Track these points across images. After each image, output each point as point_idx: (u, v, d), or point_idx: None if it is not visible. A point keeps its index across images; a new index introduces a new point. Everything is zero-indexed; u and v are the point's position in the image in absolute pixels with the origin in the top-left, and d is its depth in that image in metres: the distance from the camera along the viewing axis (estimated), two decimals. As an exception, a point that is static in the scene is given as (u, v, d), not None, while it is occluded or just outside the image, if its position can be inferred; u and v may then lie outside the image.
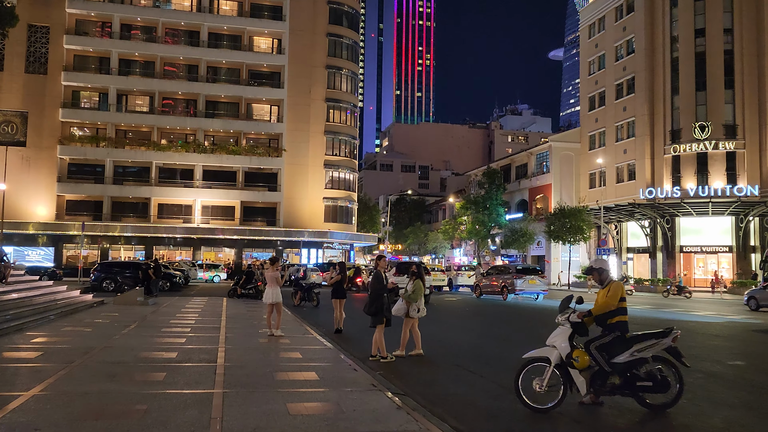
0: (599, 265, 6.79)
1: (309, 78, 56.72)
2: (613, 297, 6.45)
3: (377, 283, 9.86)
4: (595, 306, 6.58)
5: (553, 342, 6.62)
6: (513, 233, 53.32)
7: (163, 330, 12.78)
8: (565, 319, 6.60)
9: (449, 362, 9.87)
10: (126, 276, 26.97)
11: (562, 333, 6.57)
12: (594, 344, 6.44)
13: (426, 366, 9.49)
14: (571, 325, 6.55)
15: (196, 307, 19.24)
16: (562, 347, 6.48)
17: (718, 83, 45.09)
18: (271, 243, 54.85)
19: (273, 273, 12.26)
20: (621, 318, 6.48)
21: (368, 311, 9.78)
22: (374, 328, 9.83)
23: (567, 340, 6.49)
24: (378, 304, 9.78)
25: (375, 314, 9.81)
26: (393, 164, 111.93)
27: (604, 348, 6.40)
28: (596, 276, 6.77)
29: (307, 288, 21.55)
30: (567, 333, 6.53)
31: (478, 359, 10.18)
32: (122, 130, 54.62)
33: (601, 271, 6.73)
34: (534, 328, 15.29)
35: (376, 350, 9.86)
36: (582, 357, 6.36)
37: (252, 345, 10.90)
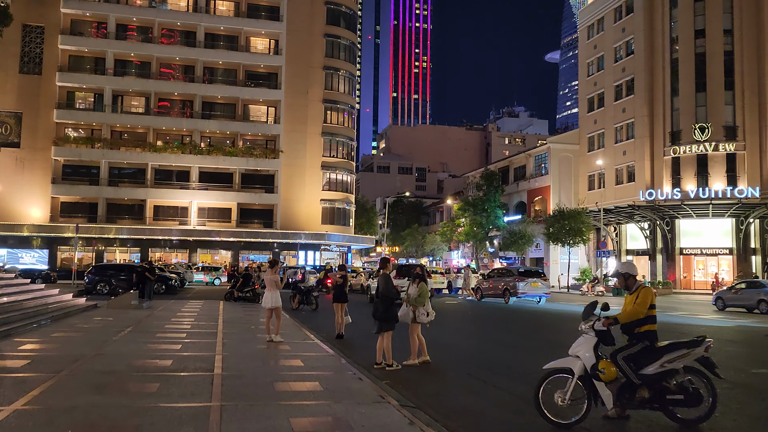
0: (626, 270, 6.31)
1: (306, 79, 56.26)
2: (642, 304, 5.98)
3: (388, 287, 9.30)
4: (622, 313, 6.12)
5: (576, 352, 6.15)
6: (511, 235, 52.89)
7: (158, 335, 12.28)
8: (590, 327, 6.14)
9: (459, 370, 9.41)
10: (120, 279, 26.42)
11: (586, 342, 6.10)
12: (621, 354, 5.98)
13: (434, 374, 9.02)
14: (596, 333, 6.09)
15: (192, 310, 18.73)
16: (586, 357, 6.01)
17: (718, 84, 44.78)
18: (267, 245, 54.34)
19: (272, 276, 11.77)
20: (650, 327, 6.02)
21: (379, 317, 9.22)
22: (379, 334, 9.31)
23: (592, 350, 6.03)
24: (392, 309, 9.26)
25: (387, 320, 9.27)
26: (390, 166, 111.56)
27: (632, 358, 5.94)
28: (622, 281, 6.29)
29: (306, 291, 21.05)
30: (591, 342, 6.07)
31: (488, 367, 9.72)
32: (118, 131, 54.06)
33: (628, 276, 6.26)
34: (541, 333, 14.85)
35: (381, 357, 9.37)
36: (609, 368, 5.90)
37: (250, 352, 10.43)
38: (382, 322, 9.23)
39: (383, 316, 9.24)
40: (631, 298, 6.15)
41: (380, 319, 9.26)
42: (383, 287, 9.30)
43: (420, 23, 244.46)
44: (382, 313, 9.24)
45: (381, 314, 9.24)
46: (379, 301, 9.31)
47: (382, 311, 9.25)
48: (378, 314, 9.28)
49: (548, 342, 12.87)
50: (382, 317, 9.24)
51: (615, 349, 6.10)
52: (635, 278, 6.28)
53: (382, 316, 9.24)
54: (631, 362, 5.90)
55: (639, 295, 6.05)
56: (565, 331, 15.19)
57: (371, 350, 10.67)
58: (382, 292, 9.33)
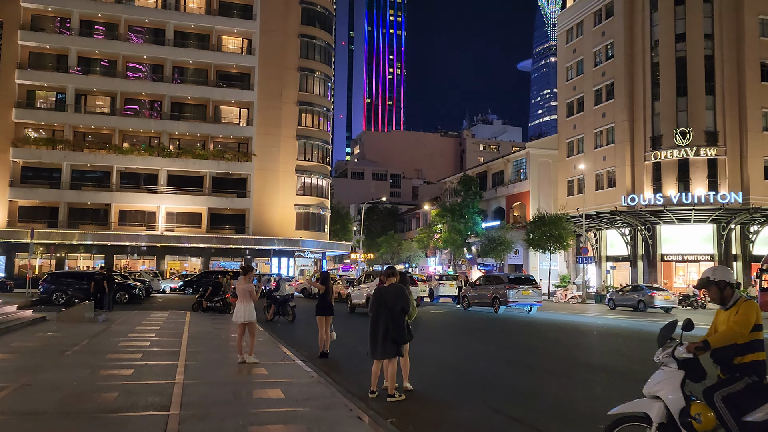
0: (721, 276, 4.66)
1: (280, 80, 54.47)
2: (743, 323, 4.40)
3: (405, 300, 7.60)
4: (715, 334, 4.58)
5: (655, 391, 4.58)
6: (490, 242, 51.77)
7: (108, 357, 10.44)
8: (670, 356, 4.59)
9: (476, 400, 7.76)
10: (78, 288, 24.27)
11: (668, 378, 4.54)
12: (720, 393, 4.42)
13: (448, 408, 7.36)
14: (680, 364, 4.54)
15: (154, 323, 16.84)
16: (670, 399, 4.46)
17: (699, 89, 44.32)
18: (239, 251, 52.27)
19: (245, 285, 9.90)
20: (757, 356, 4.45)
21: (393, 337, 7.44)
22: (378, 359, 7.62)
23: (678, 389, 4.48)
24: (403, 328, 7.53)
25: (400, 342, 7.52)
26: (364, 172, 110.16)
27: (733, 400, 4.39)
28: (716, 292, 4.69)
29: (282, 301, 19.29)
30: (677, 378, 4.50)
31: (510, 396, 8.07)
32: (81, 132, 51.52)
33: (724, 285, 4.62)
34: (552, 349, 13.18)
35: (376, 384, 7.72)
36: (705, 414, 4.35)
37: (218, 378, 8.64)
38: (390, 345, 7.47)
39: (406, 335, 7.52)
40: (727, 314, 4.60)
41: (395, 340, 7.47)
42: (401, 301, 7.50)
43: (394, 30, 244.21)
44: (400, 332, 7.46)
45: (401, 334, 7.46)
46: (397, 318, 7.48)
47: (400, 330, 7.46)
48: (398, 334, 7.45)
49: (566, 361, 11.30)
50: (400, 338, 7.48)
51: (709, 387, 4.53)
52: (733, 288, 4.69)
53: (403, 335, 7.49)
54: (731, 404, 4.37)
55: (739, 310, 4.51)
56: (579, 346, 13.77)
57: (364, 373, 9.04)
58: (401, 306, 7.49)
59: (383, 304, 7.61)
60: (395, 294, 7.58)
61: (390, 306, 7.56)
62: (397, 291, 7.61)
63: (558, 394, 8.09)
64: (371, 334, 7.66)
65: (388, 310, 7.53)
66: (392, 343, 7.48)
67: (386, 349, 7.54)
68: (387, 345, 7.53)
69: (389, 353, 7.53)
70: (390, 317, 7.51)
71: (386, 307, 7.57)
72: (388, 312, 7.52)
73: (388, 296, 7.61)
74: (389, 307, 7.55)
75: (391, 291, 7.65)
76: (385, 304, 7.58)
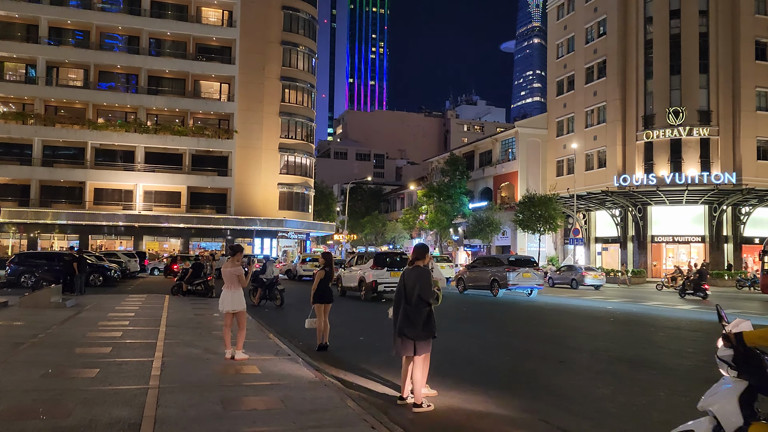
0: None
1: (263, 54, 52.45)
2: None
3: (428, 286, 6.26)
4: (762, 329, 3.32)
5: (709, 404, 3.35)
6: (477, 223, 50.68)
7: (71, 351, 8.86)
8: (728, 363, 3.34)
9: (517, 407, 6.35)
10: (47, 270, 22.60)
11: (725, 388, 3.30)
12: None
13: (487, 419, 5.94)
14: (738, 367, 3.28)
15: (129, 308, 15.34)
16: (722, 415, 3.21)
17: (693, 67, 43.37)
18: (220, 232, 50.61)
19: (233, 268, 8.42)
20: None
21: (409, 331, 6.19)
22: (405, 356, 6.32)
23: (735, 402, 3.22)
24: (431, 319, 6.25)
25: (425, 336, 6.24)
26: (347, 152, 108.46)
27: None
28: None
29: (269, 284, 17.89)
30: (736, 388, 3.26)
31: (560, 402, 6.60)
32: (52, 106, 49.19)
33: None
34: (574, 339, 11.71)
35: (408, 391, 6.40)
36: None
37: (202, 380, 7.09)
38: (418, 340, 6.20)
39: (420, 329, 6.20)
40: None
41: (415, 335, 6.19)
42: (419, 287, 6.20)
43: (377, 8, 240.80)
44: (420, 325, 6.18)
45: (417, 328, 6.18)
46: (412, 308, 6.22)
47: (419, 322, 6.17)
48: (408, 327, 6.19)
49: (598, 354, 9.93)
50: (421, 332, 6.20)
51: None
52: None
53: (416, 329, 6.19)
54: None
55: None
56: (605, 335, 12.40)
57: (373, 370, 7.75)
58: (418, 293, 6.20)
59: (402, 290, 6.36)
60: (414, 278, 6.27)
61: (408, 293, 6.30)
62: (418, 275, 6.28)
63: (614, 399, 6.73)
64: (393, 325, 6.39)
65: (406, 298, 6.29)
66: (410, 339, 6.21)
67: (403, 347, 6.31)
68: (404, 342, 6.31)
69: (404, 349, 6.28)
70: (405, 306, 6.28)
71: (404, 294, 6.32)
72: (407, 304, 6.27)
73: (408, 281, 6.33)
74: (407, 295, 6.31)
75: (412, 275, 6.34)
76: (404, 291, 6.33)
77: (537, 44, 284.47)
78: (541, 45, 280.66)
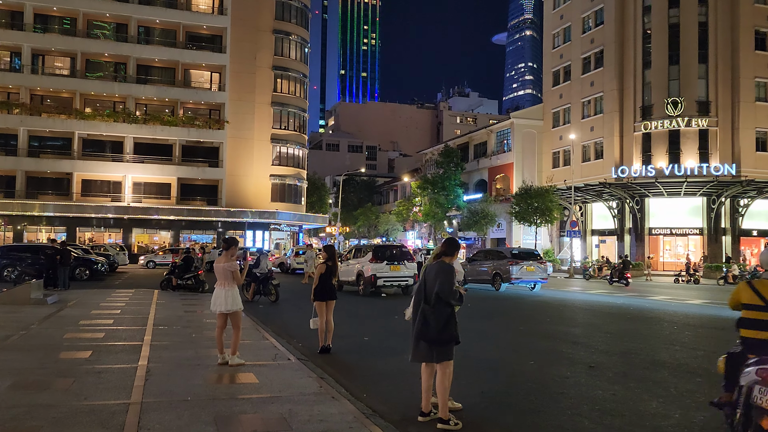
0: None
1: (254, 43, 51.35)
2: None
3: (450, 285, 5.49)
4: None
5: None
6: (472, 215, 50.03)
7: (46, 356, 7.92)
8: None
9: (565, 429, 5.47)
10: (30, 264, 21.66)
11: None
12: None
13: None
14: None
15: (115, 305, 14.50)
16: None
17: (692, 57, 42.76)
18: (211, 224, 49.65)
19: (227, 263, 7.60)
20: None
21: (432, 336, 5.45)
22: (424, 362, 5.57)
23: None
24: (453, 323, 5.52)
25: (446, 341, 5.52)
26: (339, 144, 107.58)
27: None
28: None
29: (263, 278, 17.08)
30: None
31: (595, 414, 5.88)
32: (38, 95, 47.95)
33: None
34: (597, 338, 10.89)
35: (428, 404, 5.64)
36: None
37: (192, 392, 6.19)
38: (437, 346, 5.47)
39: (439, 333, 5.46)
40: None
41: (433, 340, 5.46)
42: (440, 284, 5.45)
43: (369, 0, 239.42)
44: (438, 328, 5.44)
45: (435, 331, 5.44)
46: (430, 309, 5.47)
47: (438, 325, 5.44)
48: (429, 331, 5.46)
49: (630, 357, 9.05)
50: (439, 337, 5.46)
51: None
52: None
53: (434, 333, 5.46)
54: None
55: None
56: (629, 334, 11.49)
57: (384, 377, 6.98)
58: (437, 292, 5.44)
59: (422, 288, 5.62)
60: (435, 275, 5.52)
61: (427, 291, 5.57)
62: (438, 271, 5.53)
63: (669, 415, 5.86)
64: (411, 327, 5.66)
65: (425, 297, 5.57)
66: (434, 344, 5.47)
67: (418, 350, 5.57)
68: (420, 346, 5.57)
69: (422, 354, 5.54)
70: (424, 307, 5.55)
71: (424, 292, 5.59)
72: (426, 304, 5.55)
73: (429, 277, 5.59)
74: (426, 293, 5.58)
75: (432, 271, 5.59)
76: (424, 289, 5.59)
77: (529, 36, 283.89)
78: (533, 37, 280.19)
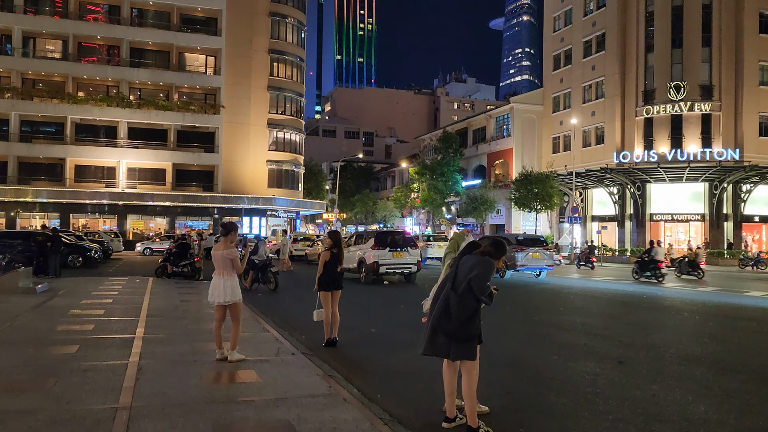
0: None
1: (250, 26, 50.39)
2: None
3: (482, 275, 4.83)
4: None
5: None
6: (471, 201, 49.48)
7: (29, 352, 7.27)
8: None
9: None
10: (20, 251, 21.03)
11: None
12: None
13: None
14: None
15: (107, 294, 13.93)
16: None
17: (695, 40, 42.03)
18: (207, 210, 48.99)
19: (226, 251, 6.97)
20: None
21: (455, 331, 4.85)
22: (433, 355, 5.03)
23: None
24: (477, 319, 4.93)
25: (470, 338, 4.91)
26: (336, 130, 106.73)
27: None
28: None
29: (262, 266, 16.51)
30: None
31: (639, 420, 5.32)
32: (30, 79, 47.00)
33: None
34: (618, 330, 10.23)
35: (453, 408, 5.07)
36: None
37: (188, 394, 5.56)
38: (456, 342, 4.88)
39: (461, 328, 4.85)
40: None
41: (452, 333, 4.86)
42: (475, 276, 4.78)
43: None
44: (461, 319, 4.84)
45: (456, 323, 4.84)
46: (456, 297, 4.84)
47: (460, 316, 4.83)
48: (449, 321, 4.86)
49: (657, 351, 8.40)
50: (459, 330, 4.86)
51: None
52: None
53: (458, 327, 4.85)
54: None
55: None
56: (651, 326, 10.95)
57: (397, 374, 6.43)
58: (470, 279, 4.77)
59: (452, 278, 5.01)
60: (471, 266, 4.88)
61: (457, 281, 4.95)
62: (475, 264, 4.88)
63: (724, 421, 5.31)
64: (437, 325, 5.03)
65: (453, 286, 4.96)
66: (445, 337, 4.89)
67: (434, 342, 4.97)
68: (437, 338, 4.96)
69: (437, 348, 4.96)
70: (450, 293, 4.93)
71: (453, 282, 4.98)
72: (453, 292, 4.92)
73: (462, 268, 4.96)
74: (455, 283, 4.96)
75: (469, 262, 4.95)
76: (454, 279, 4.99)
77: (526, 22, 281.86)
78: (530, 22, 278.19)
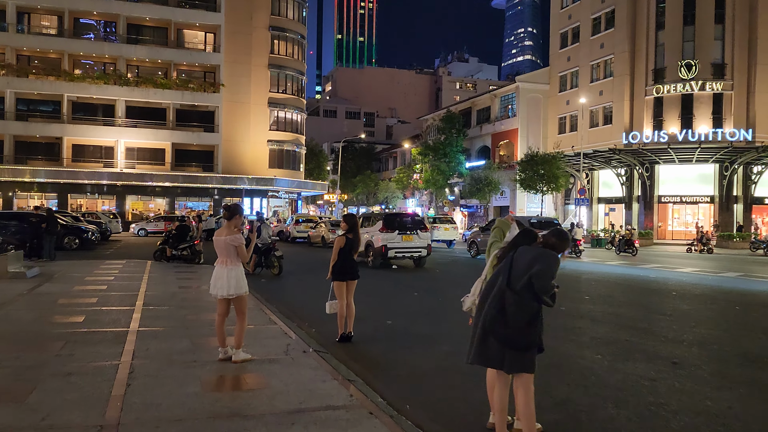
0: None
1: (250, 2, 49.15)
2: None
3: (545, 270, 4.01)
4: None
5: None
6: (475, 182, 48.60)
7: (8, 349, 6.45)
8: None
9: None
10: (14, 232, 20.23)
11: None
12: None
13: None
14: None
15: (103, 279, 13.18)
16: None
17: (708, 17, 40.85)
18: (207, 191, 48.15)
19: (230, 236, 6.13)
20: None
21: (512, 338, 4.05)
22: (485, 365, 4.24)
23: None
24: (537, 324, 4.12)
25: (527, 347, 4.12)
26: (337, 110, 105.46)
27: None
28: None
29: (265, 250, 15.74)
30: None
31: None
32: (25, 55, 45.87)
33: None
34: (659, 324, 9.31)
35: (504, 429, 4.26)
36: None
37: (183, 406, 4.73)
38: (513, 349, 4.08)
39: (520, 333, 4.08)
40: None
41: (509, 339, 4.07)
42: (537, 271, 4.00)
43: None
44: (520, 324, 4.07)
45: (514, 327, 4.07)
46: (513, 295, 4.07)
47: (520, 319, 4.06)
48: (505, 324, 4.08)
49: (714, 350, 7.57)
50: (518, 336, 4.08)
51: None
52: None
53: (516, 332, 4.10)
54: None
55: None
56: (689, 316, 10.11)
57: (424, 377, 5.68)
58: (532, 275, 4.00)
59: (507, 271, 4.17)
60: (531, 260, 4.08)
61: (513, 275, 4.13)
62: (536, 256, 4.08)
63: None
64: (476, 317, 4.27)
65: (509, 282, 4.13)
66: (499, 344, 4.09)
67: (485, 349, 4.16)
68: (488, 344, 4.14)
69: (489, 357, 4.16)
70: (505, 292, 4.12)
71: (508, 277, 4.15)
72: (508, 288, 4.11)
73: (519, 261, 4.16)
74: (511, 278, 4.13)
75: (528, 254, 4.15)
76: (509, 273, 4.16)
77: (529, 0, 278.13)
78: (533, 1, 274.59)
